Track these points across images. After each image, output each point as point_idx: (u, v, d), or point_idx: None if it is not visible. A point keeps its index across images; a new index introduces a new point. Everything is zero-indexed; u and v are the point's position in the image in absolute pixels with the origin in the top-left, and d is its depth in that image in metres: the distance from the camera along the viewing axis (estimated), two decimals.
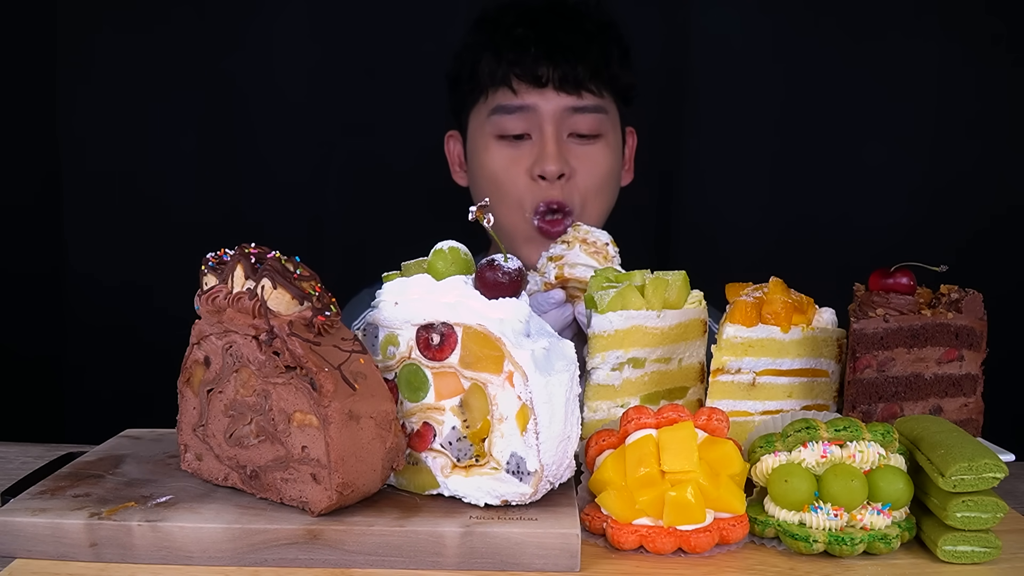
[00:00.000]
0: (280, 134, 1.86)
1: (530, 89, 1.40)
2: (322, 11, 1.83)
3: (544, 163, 1.39)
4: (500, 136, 1.43)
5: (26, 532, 0.82)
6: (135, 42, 1.82)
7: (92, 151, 1.86)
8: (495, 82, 1.42)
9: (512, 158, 1.42)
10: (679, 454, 0.85)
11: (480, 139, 1.47)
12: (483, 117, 1.45)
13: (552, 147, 1.39)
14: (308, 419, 0.82)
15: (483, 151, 1.46)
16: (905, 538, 0.87)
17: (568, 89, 1.40)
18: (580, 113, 1.42)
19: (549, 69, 1.39)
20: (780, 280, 1.06)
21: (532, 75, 1.40)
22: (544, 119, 1.40)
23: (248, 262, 0.85)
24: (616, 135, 1.49)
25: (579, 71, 1.40)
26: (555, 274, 1.16)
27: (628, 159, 1.57)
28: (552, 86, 1.40)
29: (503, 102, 1.42)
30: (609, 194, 1.48)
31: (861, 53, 1.81)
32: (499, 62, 1.42)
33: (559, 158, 1.39)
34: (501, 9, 1.48)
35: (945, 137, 1.82)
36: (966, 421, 1.05)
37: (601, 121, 1.44)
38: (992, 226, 1.82)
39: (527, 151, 1.42)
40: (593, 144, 1.44)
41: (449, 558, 0.82)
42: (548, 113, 1.40)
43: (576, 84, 1.40)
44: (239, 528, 0.82)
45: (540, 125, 1.41)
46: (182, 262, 1.08)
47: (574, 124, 1.42)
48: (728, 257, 1.86)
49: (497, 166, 1.43)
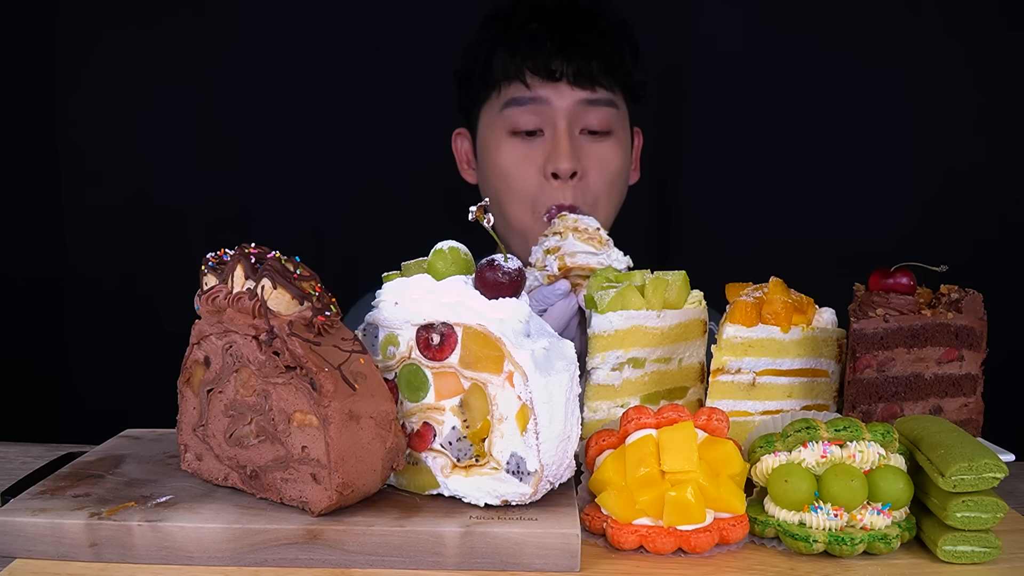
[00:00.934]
0: (280, 135, 1.86)
1: (543, 83, 1.40)
2: (323, 11, 1.83)
3: (557, 161, 1.38)
4: (512, 132, 1.43)
5: (26, 532, 0.82)
6: (134, 43, 1.82)
7: (91, 152, 1.85)
8: (508, 76, 1.42)
9: (524, 155, 1.42)
10: (679, 454, 0.85)
11: (492, 135, 1.46)
12: (495, 112, 1.45)
13: (565, 143, 1.39)
14: (308, 419, 0.82)
15: (495, 148, 1.45)
16: (905, 538, 0.87)
17: (582, 83, 1.40)
18: (593, 107, 1.41)
19: (563, 64, 1.39)
20: (780, 280, 1.06)
21: (546, 69, 1.39)
22: (557, 114, 1.40)
23: (248, 262, 0.85)
24: (626, 132, 1.49)
25: (593, 66, 1.40)
26: (558, 266, 1.15)
27: (635, 158, 1.57)
28: (566, 80, 1.40)
29: (516, 95, 1.42)
30: (618, 193, 1.48)
31: (861, 53, 1.81)
32: (513, 56, 1.41)
33: (572, 155, 1.39)
34: (513, 5, 1.48)
35: (946, 137, 1.82)
36: (966, 421, 1.05)
37: (612, 116, 1.44)
38: (992, 226, 1.83)
39: (539, 148, 1.42)
40: (604, 141, 1.43)
41: (449, 558, 0.82)
42: (561, 108, 1.40)
43: (590, 79, 1.40)
44: (239, 528, 0.82)
45: (553, 120, 1.40)
46: (182, 263, 1.08)
47: (586, 119, 1.42)
48: (728, 257, 1.86)
49: (508, 162, 1.43)
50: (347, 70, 1.84)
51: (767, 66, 1.83)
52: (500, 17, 1.48)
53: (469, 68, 1.50)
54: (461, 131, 1.58)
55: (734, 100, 1.85)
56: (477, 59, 1.47)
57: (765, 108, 1.85)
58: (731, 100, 1.85)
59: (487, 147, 1.48)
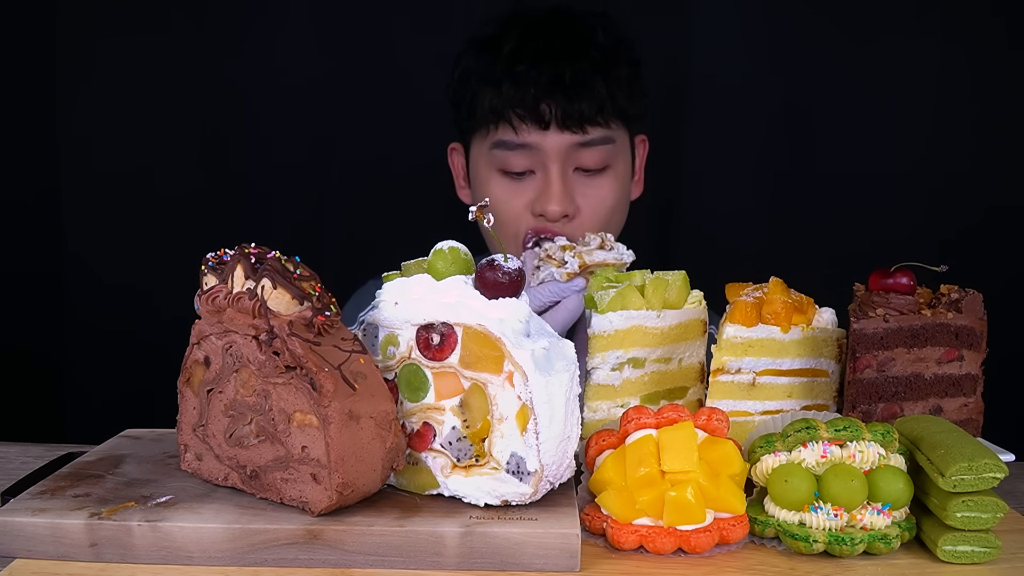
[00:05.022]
0: (280, 135, 1.86)
1: (532, 127, 1.34)
2: (325, 13, 1.83)
3: (547, 203, 1.33)
4: (502, 171, 1.38)
5: (26, 532, 0.82)
6: (135, 42, 1.82)
7: (92, 151, 1.85)
8: (495, 118, 1.35)
9: (513, 192, 1.37)
10: (679, 454, 0.85)
11: (482, 169, 1.41)
12: (484, 148, 1.39)
13: (557, 186, 1.33)
14: (308, 419, 0.82)
15: (484, 183, 1.41)
16: (905, 538, 0.87)
17: (572, 127, 1.33)
18: (587, 148, 1.35)
19: (551, 108, 1.32)
20: (780, 280, 1.06)
21: (534, 115, 1.32)
22: (548, 157, 1.34)
23: (248, 262, 0.85)
24: (626, 161, 1.43)
25: (583, 108, 1.32)
26: (578, 263, 1.15)
27: (639, 169, 1.51)
28: (555, 125, 1.33)
29: (504, 138, 1.36)
30: (617, 220, 1.43)
31: (861, 56, 1.81)
32: (498, 98, 1.34)
33: (563, 198, 1.34)
34: (501, 30, 1.39)
35: (946, 138, 1.82)
36: (966, 421, 1.05)
37: (608, 152, 1.37)
38: (993, 226, 1.82)
39: (530, 186, 1.37)
40: (600, 177, 1.38)
41: (449, 558, 0.82)
42: (552, 151, 1.34)
43: (580, 121, 1.33)
44: (239, 528, 0.82)
45: (544, 163, 1.35)
46: (182, 262, 1.08)
47: (580, 159, 1.36)
48: (728, 257, 1.86)
49: (497, 199, 1.37)
50: (349, 70, 1.84)
51: (767, 67, 1.83)
52: (486, 48, 1.39)
53: (457, 97, 1.43)
54: (456, 147, 1.52)
55: (734, 100, 1.85)
56: (464, 93, 1.41)
57: (765, 108, 1.85)
58: (731, 100, 1.85)
59: (477, 178, 1.43)
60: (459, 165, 1.52)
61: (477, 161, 1.43)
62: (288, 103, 1.85)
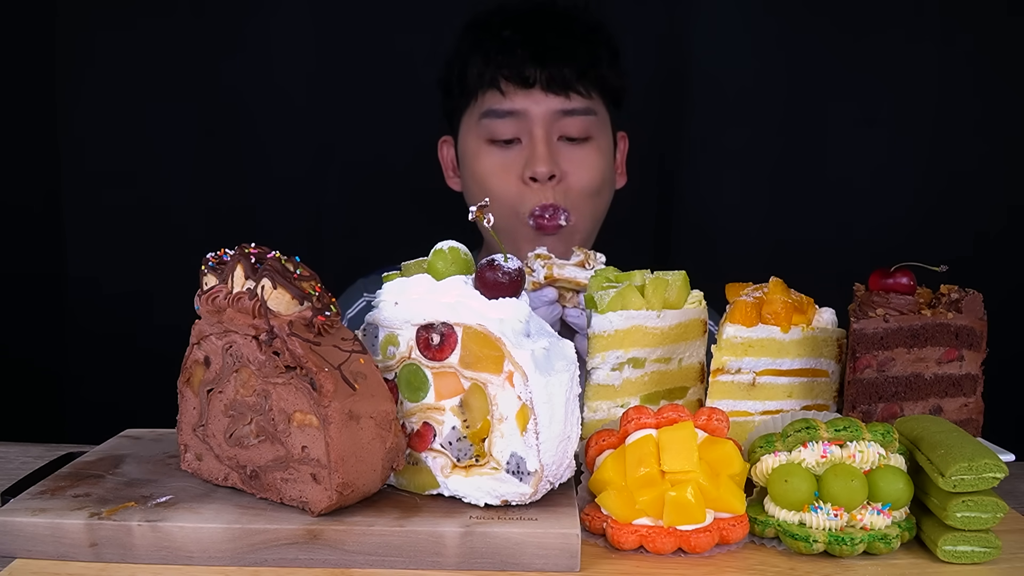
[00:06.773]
0: (280, 135, 1.86)
1: (518, 91, 1.41)
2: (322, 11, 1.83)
3: (534, 165, 1.39)
4: (491, 140, 1.44)
5: (26, 532, 0.82)
6: (135, 43, 1.82)
7: (92, 153, 1.86)
8: (483, 84, 1.43)
9: (503, 162, 1.43)
10: (679, 454, 0.85)
11: (471, 144, 1.47)
12: (473, 121, 1.46)
13: (542, 149, 1.40)
14: (308, 419, 0.82)
15: (474, 157, 1.46)
16: (905, 538, 0.87)
17: (556, 90, 1.41)
18: (570, 116, 1.42)
19: (536, 70, 1.40)
20: (780, 280, 1.06)
21: (519, 76, 1.40)
22: (534, 122, 1.41)
23: (248, 262, 0.85)
24: (607, 138, 1.49)
25: (566, 72, 1.40)
26: (544, 274, 1.15)
27: (620, 163, 1.57)
28: (540, 87, 1.40)
29: (492, 106, 1.43)
30: (602, 198, 1.48)
31: (862, 53, 1.81)
32: (487, 64, 1.43)
33: (549, 160, 1.40)
34: (490, 13, 1.49)
35: (947, 137, 1.82)
36: (966, 421, 1.05)
37: (591, 123, 1.44)
38: (993, 226, 1.83)
39: (517, 155, 1.43)
40: (583, 147, 1.44)
41: (449, 558, 0.82)
42: (537, 116, 1.41)
43: (564, 85, 1.41)
44: (239, 528, 0.82)
45: (530, 129, 1.41)
46: (182, 263, 1.08)
47: (563, 127, 1.42)
48: (728, 257, 1.86)
49: (488, 171, 1.44)
50: (349, 69, 1.84)
51: (767, 66, 1.84)
52: (476, 26, 1.49)
53: (448, 77, 1.51)
54: (446, 139, 1.59)
55: (733, 100, 1.85)
56: (454, 68, 1.49)
57: (765, 108, 1.85)
58: (731, 100, 1.85)
59: (467, 155, 1.49)
60: (448, 156, 1.59)
61: (467, 137, 1.49)
62: (288, 104, 1.85)
